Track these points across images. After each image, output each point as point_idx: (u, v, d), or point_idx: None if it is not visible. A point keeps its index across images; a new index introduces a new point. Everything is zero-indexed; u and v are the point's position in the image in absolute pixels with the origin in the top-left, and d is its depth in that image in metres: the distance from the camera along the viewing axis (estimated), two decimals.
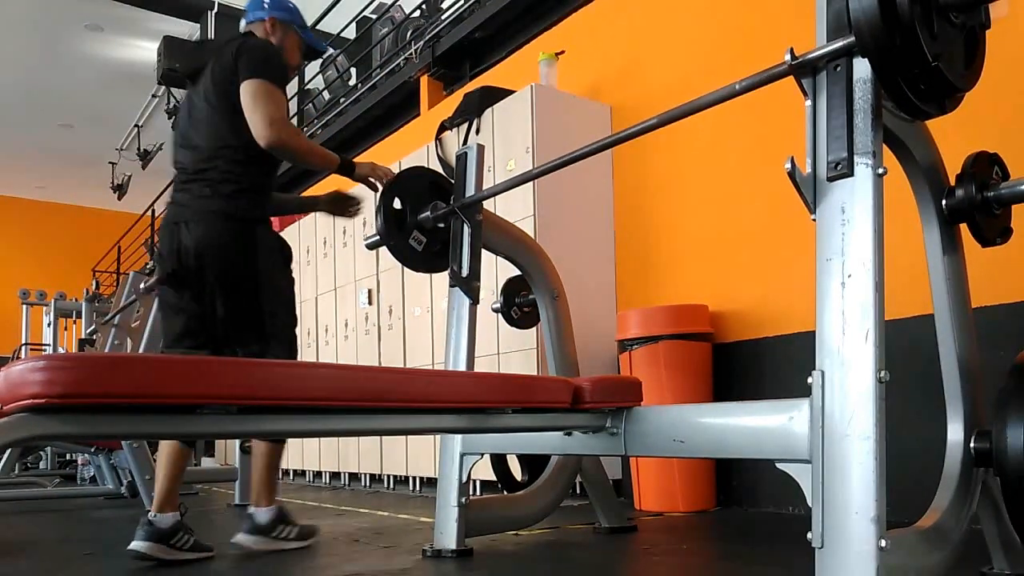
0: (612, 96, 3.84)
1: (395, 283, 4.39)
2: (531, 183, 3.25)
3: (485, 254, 2.30)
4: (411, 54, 5.19)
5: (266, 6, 2.53)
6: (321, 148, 2.50)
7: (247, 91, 2.25)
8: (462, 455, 2.15)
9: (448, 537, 2.12)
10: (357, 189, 2.81)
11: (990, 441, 1.46)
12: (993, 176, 1.61)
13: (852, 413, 1.26)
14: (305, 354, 5.37)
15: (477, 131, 3.82)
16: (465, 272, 2.22)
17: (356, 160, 2.51)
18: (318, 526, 2.59)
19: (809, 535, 1.28)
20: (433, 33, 5.06)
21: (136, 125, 10.84)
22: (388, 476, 4.56)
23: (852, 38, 1.28)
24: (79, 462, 5.95)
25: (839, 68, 1.34)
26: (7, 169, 12.81)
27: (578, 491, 3.23)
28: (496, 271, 3.30)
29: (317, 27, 6.69)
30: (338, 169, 2.41)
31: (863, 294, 1.28)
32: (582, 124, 3.65)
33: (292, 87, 7.40)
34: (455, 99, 4.32)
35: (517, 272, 2.60)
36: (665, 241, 3.53)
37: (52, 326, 8.58)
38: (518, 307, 2.86)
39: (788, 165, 1.32)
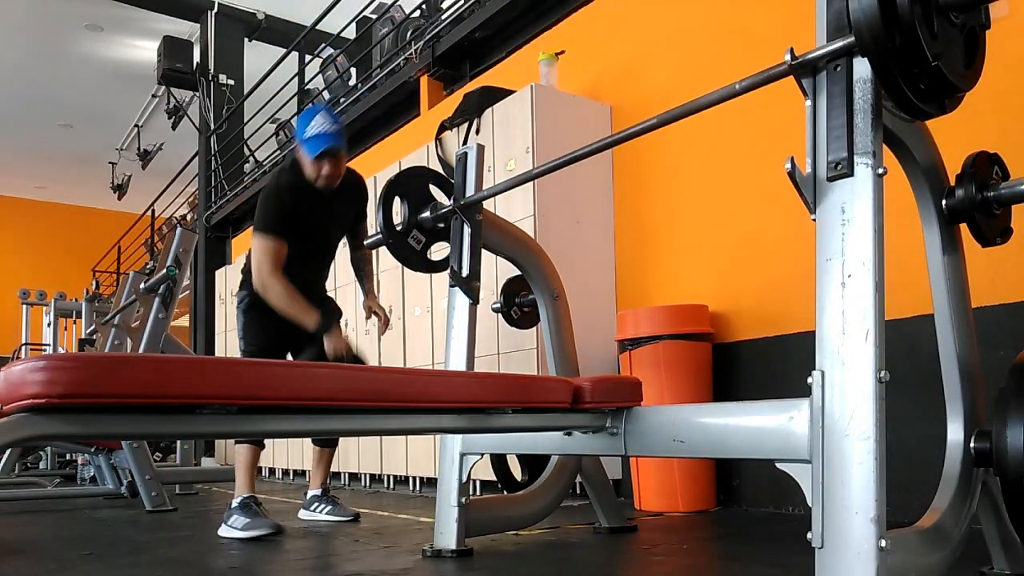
0: (612, 96, 3.84)
1: (395, 283, 4.39)
2: (531, 183, 3.25)
3: (485, 254, 2.30)
4: (411, 54, 5.19)
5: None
6: (299, 305, 2.74)
7: None
8: (462, 455, 2.15)
9: (448, 537, 2.12)
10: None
11: (990, 441, 1.46)
12: (993, 176, 1.61)
13: (852, 413, 1.26)
14: None
15: (477, 131, 3.82)
16: (465, 272, 2.22)
17: (333, 320, 2.84)
18: (281, 528, 2.75)
19: (809, 535, 1.28)
20: (433, 33, 5.05)
21: (136, 125, 10.85)
22: (388, 476, 4.56)
23: (852, 38, 1.28)
24: (79, 462, 5.95)
25: (839, 68, 1.34)
26: (7, 169, 12.82)
27: (578, 491, 3.23)
28: (496, 271, 3.30)
29: (317, 27, 6.70)
30: (314, 331, 2.75)
31: (863, 294, 1.28)
32: (582, 124, 3.65)
33: (292, 88, 7.44)
34: (455, 99, 4.32)
35: (517, 272, 2.60)
36: (665, 241, 3.53)
37: (52, 326, 8.58)
38: (518, 307, 2.86)
39: (788, 165, 1.32)
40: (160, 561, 2.30)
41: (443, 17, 5.04)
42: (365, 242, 2.69)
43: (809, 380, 1.32)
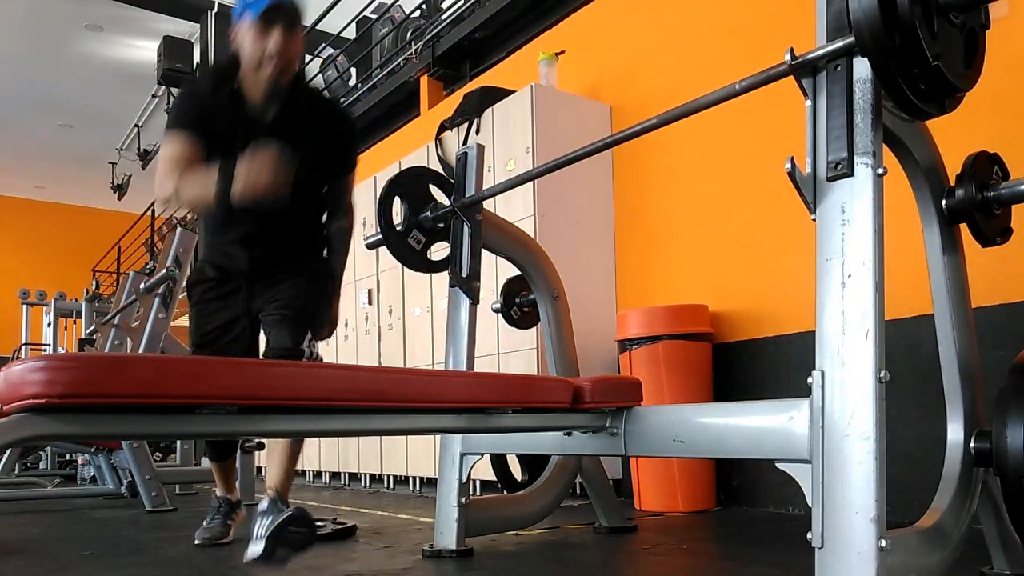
0: (612, 96, 3.84)
1: (395, 283, 4.39)
2: (531, 183, 3.25)
3: (485, 254, 2.29)
4: (411, 54, 5.19)
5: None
6: (190, 181, 1.89)
7: None
8: (462, 455, 2.14)
9: (448, 537, 2.12)
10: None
11: (990, 441, 1.46)
12: (993, 176, 1.61)
13: (852, 413, 1.26)
14: None
15: (477, 131, 3.82)
16: (465, 272, 2.22)
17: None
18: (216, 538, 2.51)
19: (809, 535, 1.28)
20: (433, 33, 5.06)
21: (136, 125, 10.85)
22: (388, 476, 4.56)
23: (852, 38, 1.28)
24: (79, 462, 5.94)
25: (839, 68, 1.34)
26: (7, 169, 12.81)
27: (578, 491, 3.23)
28: (496, 271, 3.29)
29: (317, 27, 6.70)
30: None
31: (863, 294, 1.28)
32: (582, 124, 3.65)
33: None
34: (455, 99, 4.32)
35: (517, 272, 2.60)
36: (665, 241, 3.53)
37: (52, 326, 8.58)
38: (518, 307, 2.86)
39: (788, 165, 1.32)
40: (160, 561, 2.30)
41: (443, 17, 5.04)
42: (365, 242, 2.39)
43: (809, 380, 1.32)
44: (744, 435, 1.50)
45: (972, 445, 1.53)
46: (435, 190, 2.35)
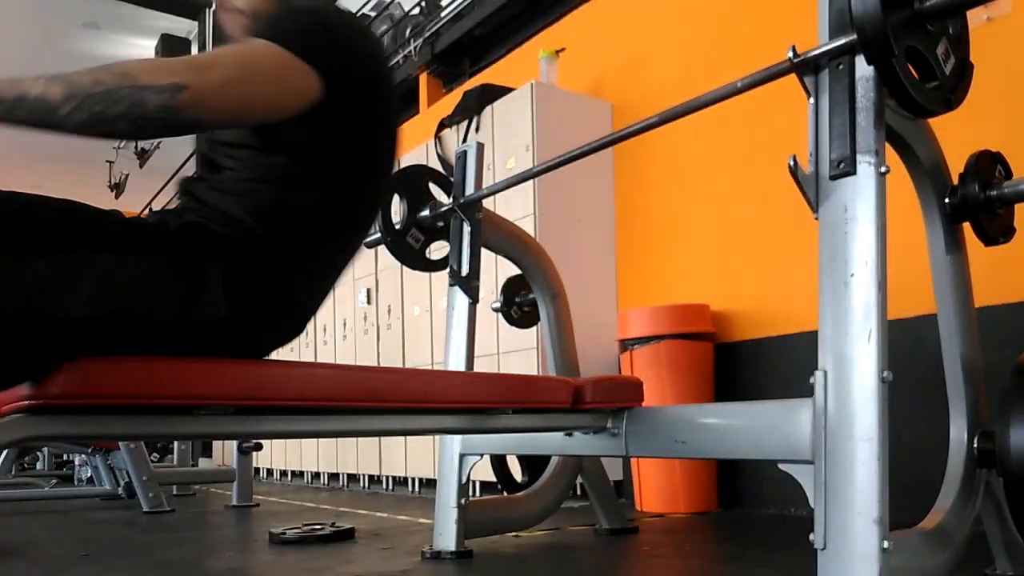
0: (613, 94, 3.83)
1: (394, 282, 4.38)
2: (531, 181, 3.24)
3: (484, 253, 2.28)
4: (410, 51, 5.18)
5: None
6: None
7: None
8: (462, 456, 2.13)
9: (448, 538, 2.11)
10: None
11: (993, 441, 1.45)
12: (996, 175, 1.60)
13: (855, 413, 1.25)
14: (303, 354, 5.36)
15: (477, 129, 3.81)
16: (465, 271, 2.21)
17: None
18: None
19: (812, 536, 1.27)
20: (432, 30, 5.05)
21: None
22: (387, 477, 4.55)
23: (854, 36, 1.27)
24: (76, 463, 5.93)
25: (841, 66, 1.33)
26: (4, 167, 12.79)
27: (579, 492, 3.22)
28: (496, 270, 3.28)
29: None
30: None
31: (866, 293, 1.27)
32: (583, 122, 3.64)
33: None
34: (455, 97, 4.31)
35: (517, 271, 2.59)
36: (666, 240, 3.53)
37: None
38: (518, 307, 2.85)
39: (791, 163, 1.31)
40: (157, 562, 2.29)
41: (442, 14, 5.03)
42: (365, 240, 2.26)
43: (811, 380, 1.31)
44: (746, 436, 1.50)
45: (975, 445, 1.52)
46: (434, 188, 2.34)
